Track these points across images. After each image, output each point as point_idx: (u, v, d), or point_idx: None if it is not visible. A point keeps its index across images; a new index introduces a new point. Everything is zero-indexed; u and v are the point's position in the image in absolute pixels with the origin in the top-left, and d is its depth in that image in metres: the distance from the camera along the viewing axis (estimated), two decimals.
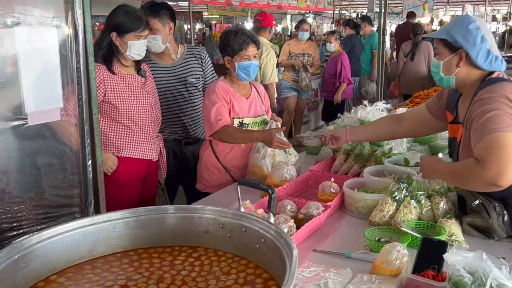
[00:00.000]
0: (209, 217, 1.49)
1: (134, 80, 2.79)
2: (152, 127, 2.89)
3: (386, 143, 3.02)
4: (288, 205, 2.21)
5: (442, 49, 2.03)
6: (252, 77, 2.89)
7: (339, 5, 29.27)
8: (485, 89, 1.89)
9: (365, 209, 2.27)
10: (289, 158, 2.88)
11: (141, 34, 2.68)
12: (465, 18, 2.05)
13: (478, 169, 1.75)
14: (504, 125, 1.73)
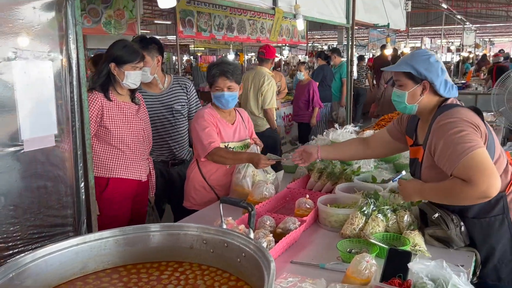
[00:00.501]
0: (193, 233, 1.46)
1: (128, 107, 2.82)
2: (143, 150, 2.90)
3: (355, 162, 3.04)
4: (268, 220, 2.19)
5: (405, 80, 2.04)
6: (227, 106, 2.87)
7: (312, 38, 29.83)
8: (444, 114, 1.92)
9: (337, 223, 2.27)
10: (267, 177, 2.85)
11: (137, 66, 2.74)
12: (424, 52, 2.09)
13: (468, 188, 1.75)
14: (474, 143, 1.77)
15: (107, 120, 2.67)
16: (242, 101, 5.37)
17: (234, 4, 2.83)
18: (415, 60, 2.02)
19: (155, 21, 19.48)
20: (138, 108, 2.90)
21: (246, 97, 5.22)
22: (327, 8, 4.16)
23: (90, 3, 4.82)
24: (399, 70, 2.06)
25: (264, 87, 5.00)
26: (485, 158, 1.76)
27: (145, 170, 2.93)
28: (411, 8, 8.67)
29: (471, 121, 1.85)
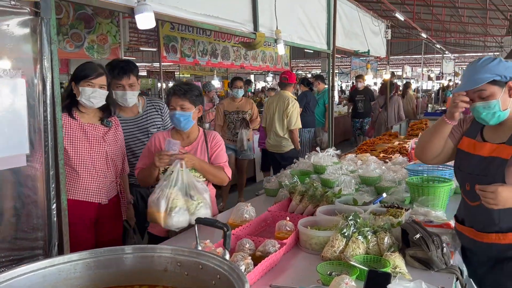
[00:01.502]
0: (167, 256, 1.41)
1: (92, 128, 2.76)
2: (105, 173, 2.81)
3: (336, 185, 3.04)
4: (247, 243, 2.15)
5: (491, 89, 1.97)
6: (179, 126, 2.75)
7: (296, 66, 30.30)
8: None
9: (318, 245, 2.24)
10: (191, 203, 2.48)
11: (93, 82, 2.66)
12: (490, 57, 2.04)
13: None
14: None
15: (66, 141, 2.58)
16: (268, 123, 5.80)
17: (215, 28, 2.85)
18: (490, 67, 1.97)
19: (140, 48, 19.60)
20: (107, 131, 2.84)
21: (272, 120, 5.69)
22: (308, 34, 4.23)
23: (72, 28, 4.82)
24: (485, 82, 1.97)
25: (289, 109, 5.51)
26: None
27: (106, 193, 2.82)
28: (392, 37, 8.96)
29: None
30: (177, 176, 2.47)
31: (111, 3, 2.04)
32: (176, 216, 2.37)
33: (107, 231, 2.88)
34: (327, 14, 4.64)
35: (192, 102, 2.72)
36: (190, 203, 2.46)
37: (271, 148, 5.80)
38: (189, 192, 2.48)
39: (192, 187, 2.52)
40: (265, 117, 5.79)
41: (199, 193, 2.53)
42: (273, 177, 3.59)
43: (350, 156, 4.18)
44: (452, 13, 19.05)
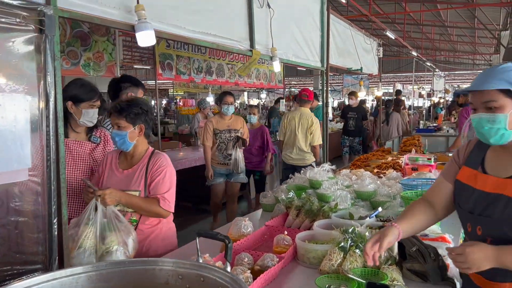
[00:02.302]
0: (168, 268, 1.43)
1: (79, 145, 2.79)
2: (72, 193, 2.77)
3: (332, 200, 3.06)
4: (245, 257, 2.16)
5: (503, 100, 1.58)
6: (117, 146, 2.58)
7: (289, 84, 30.55)
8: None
9: (316, 259, 2.25)
10: (100, 247, 2.15)
11: (95, 104, 2.76)
12: (509, 64, 1.64)
13: None
14: None
15: None
16: (288, 138, 6.08)
17: (213, 45, 2.90)
18: (506, 74, 1.58)
19: (134, 66, 19.70)
20: (94, 147, 2.84)
21: (294, 135, 6.01)
22: (303, 51, 4.31)
23: (69, 46, 4.86)
24: (494, 87, 1.59)
25: (314, 127, 5.84)
26: None
27: None
28: (383, 55, 9.11)
29: None
30: (94, 213, 2.18)
31: (112, 21, 2.08)
32: (77, 257, 2.04)
33: None
34: (320, 32, 4.74)
35: (130, 121, 2.50)
36: (100, 246, 2.15)
37: (292, 161, 6.09)
38: (104, 233, 2.16)
39: (110, 228, 2.19)
40: (284, 131, 6.12)
41: (117, 235, 2.20)
42: (269, 192, 3.61)
43: (344, 171, 4.22)
44: (441, 32, 19.41)
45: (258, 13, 3.37)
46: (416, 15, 15.22)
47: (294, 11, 4.13)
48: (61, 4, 1.74)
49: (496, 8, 13.36)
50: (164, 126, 13.81)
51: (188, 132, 10.27)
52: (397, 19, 15.85)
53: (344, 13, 13.09)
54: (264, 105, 20.28)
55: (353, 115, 9.37)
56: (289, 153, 6.13)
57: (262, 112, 17.17)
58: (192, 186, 6.97)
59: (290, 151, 6.12)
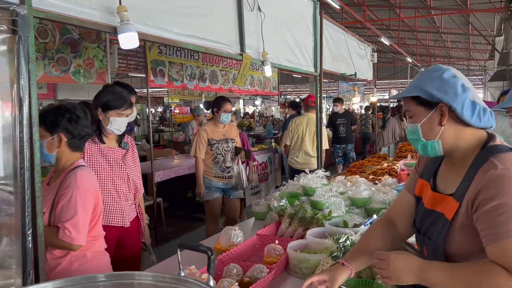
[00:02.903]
0: (147, 283, 1.33)
1: (113, 152, 2.78)
2: (127, 196, 2.83)
3: (326, 207, 2.97)
4: (234, 269, 2.06)
5: (415, 108, 1.47)
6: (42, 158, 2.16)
7: (285, 91, 30.54)
8: (502, 159, 1.32)
9: (308, 269, 2.16)
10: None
11: (123, 112, 2.72)
12: (436, 68, 1.49)
13: (506, 279, 1.19)
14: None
15: (89, 165, 2.59)
16: (295, 143, 6.22)
17: (201, 49, 2.82)
18: (424, 79, 1.46)
19: (129, 74, 19.64)
20: (125, 153, 2.84)
21: (301, 140, 6.21)
22: (295, 56, 4.24)
23: (58, 52, 4.77)
24: (405, 95, 1.49)
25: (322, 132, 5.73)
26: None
27: (128, 216, 2.83)
28: (378, 62, 9.08)
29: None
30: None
31: (92, 23, 2.00)
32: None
33: (127, 253, 2.85)
34: (313, 37, 4.67)
35: (47, 129, 2.14)
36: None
37: (297, 166, 6.23)
38: None
39: None
40: (292, 136, 6.30)
41: None
42: (262, 199, 3.52)
43: (339, 178, 4.14)
44: (436, 38, 19.46)
45: (248, 17, 3.30)
46: (410, 21, 15.25)
47: (286, 15, 4.07)
48: (36, 4, 1.66)
49: (490, 14, 13.40)
50: (160, 134, 13.75)
51: (183, 140, 10.20)
52: (392, 25, 15.88)
53: (339, 20, 13.09)
54: (260, 112, 20.25)
55: (342, 121, 9.09)
56: (295, 158, 6.34)
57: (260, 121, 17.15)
58: (185, 194, 6.88)
59: (296, 156, 6.32)
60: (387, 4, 13.42)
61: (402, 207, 1.71)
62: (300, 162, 6.26)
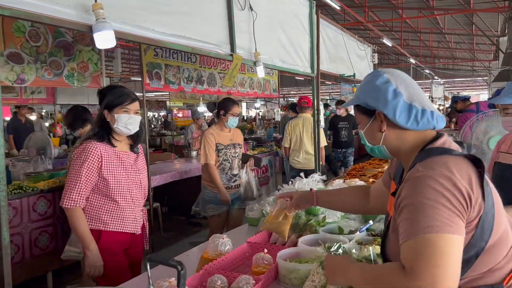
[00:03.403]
0: None
1: (127, 156, 2.69)
2: (140, 201, 2.78)
3: (320, 212, 2.84)
4: (218, 280, 1.94)
5: (359, 116, 1.54)
6: None
7: (288, 94, 30.46)
8: (425, 162, 1.30)
9: (298, 280, 2.03)
10: None
11: (128, 108, 2.58)
12: (374, 75, 1.50)
13: (405, 279, 1.18)
14: (445, 223, 1.18)
15: (106, 171, 2.54)
16: (294, 144, 6.36)
17: (188, 49, 2.72)
18: (363, 87, 1.51)
19: (131, 78, 19.63)
20: (136, 157, 2.76)
21: (300, 141, 6.33)
22: (291, 57, 4.12)
23: (51, 56, 4.69)
24: (349, 105, 1.61)
25: None
26: (447, 250, 1.16)
27: (139, 222, 2.79)
28: (381, 64, 8.95)
29: (458, 185, 1.22)
30: None
31: (66, 21, 1.89)
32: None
33: (131, 259, 2.81)
34: (310, 37, 4.55)
35: None
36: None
37: (299, 165, 6.37)
38: None
39: None
40: (289, 138, 6.45)
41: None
42: (256, 205, 3.39)
43: (337, 181, 4.00)
44: (439, 39, 19.31)
45: (239, 16, 3.19)
46: (413, 22, 15.11)
47: (279, 15, 3.95)
48: (2, 1, 1.56)
49: (493, 14, 13.25)
50: (161, 138, 13.69)
51: (184, 144, 10.11)
52: (395, 26, 15.75)
53: (341, 21, 12.99)
54: (262, 115, 20.11)
55: (344, 125, 8.72)
56: (296, 158, 6.48)
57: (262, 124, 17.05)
58: (184, 198, 6.77)
59: (297, 156, 6.47)
60: (389, 5, 13.30)
61: (377, 189, 1.88)
62: (301, 162, 6.41)
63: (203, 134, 4.38)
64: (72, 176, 2.48)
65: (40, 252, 4.41)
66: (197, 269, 2.20)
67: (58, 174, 5.12)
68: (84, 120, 4.31)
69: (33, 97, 7.76)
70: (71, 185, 2.46)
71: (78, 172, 2.46)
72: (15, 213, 4.19)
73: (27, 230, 4.28)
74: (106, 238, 2.61)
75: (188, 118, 13.88)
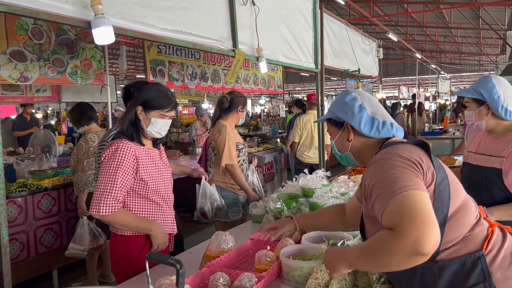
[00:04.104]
0: None
1: (154, 153, 2.49)
2: (172, 199, 2.60)
3: None
4: (221, 278, 1.91)
5: (331, 128, 1.85)
6: None
7: (293, 90, 30.38)
8: (379, 153, 1.58)
9: (302, 277, 2.00)
10: None
11: (167, 114, 2.40)
12: (343, 94, 1.83)
13: (393, 239, 1.30)
14: (409, 183, 1.37)
15: (143, 172, 2.33)
16: (304, 140, 6.58)
17: (188, 45, 2.69)
18: (334, 104, 1.83)
19: (137, 75, 19.64)
20: (160, 152, 2.57)
21: (311, 136, 6.54)
22: (294, 52, 4.08)
23: (54, 53, 4.68)
24: (323, 119, 1.90)
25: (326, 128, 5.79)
26: (419, 202, 1.33)
27: (175, 221, 2.62)
28: (387, 59, 8.87)
29: (409, 157, 1.47)
30: None
31: (63, 17, 1.87)
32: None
33: None
34: (313, 32, 4.50)
35: None
36: None
37: (309, 160, 6.64)
38: None
39: None
40: (300, 134, 6.64)
41: None
42: (260, 201, 3.36)
43: (342, 177, 3.96)
44: (446, 34, 19.13)
45: (241, 11, 3.15)
46: (419, 17, 14.97)
47: (282, 9, 3.90)
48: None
49: (500, 8, 13.09)
50: (167, 135, 13.66)
51: (189, 141, 10.10)
52: (400, 21, 15.63)
53: (346, 16, 12.90)
54: (267, 112, 20.03)
55: None
56: (306, 153, 6.68)
57: (267, 120, 17.01)
58: (190, 196, 6.75)
59: (307, 151, 6.67)
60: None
61: (352, 205, 2.10)
62: (312, 156, 6.62)
63: (220, 132, 3.84)
64: (105, 180, 2.23)
65: (45, 249, 4.42)
66: (200, 267, 2.18)
67: (63, 172, 5.13)
68: (90, 118, 4.31)
69: (39, 95, 7.78)
70: (106, 190, 2.21)
71: (113, 176, 2.23)
72: (20, 211, 4.19)
73: (32, 228, 4.29)
74: (148, 242, 2.44)
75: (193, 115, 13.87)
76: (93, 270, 4.40)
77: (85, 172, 4.11)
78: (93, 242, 4.10)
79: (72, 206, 4.63)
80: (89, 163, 4.13)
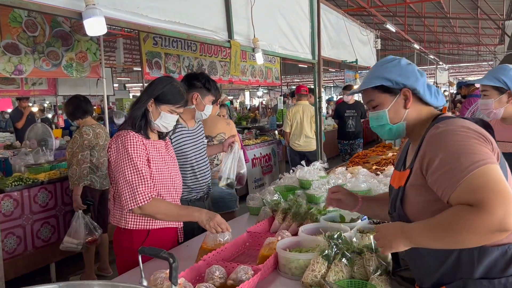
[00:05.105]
0: None
1: (160, 146, 2.47)
2: (179, 191, 2.57)
3: (321, 201, 2.80)
4: (217, 271, 1.90)
5: (380, 97, 1.59)
6: None
7: (292, 82, 30.29)
8: (441, 122, 1.44)
9: (298, 269, 1.99)
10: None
11: (176, 110, 2.40)
12: (390, 58, 1.64)
13: (476, 215, 1.21)
14: (486, 157, 1.27)
15: (152, 163, 2.33)
16: (295, 129, 6.89)
17: (183, 36, 2.65)
18: (382, 69, 1.60)
19: (134, 68, 19.55)
20: (165, 144, 2.54)
21: (301, 125, 6.86)
22: (291, 43, 4.04)
23: (49, 46, 4.64)
24: (368, 86, 1.61)
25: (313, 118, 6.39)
26: (500, 177, 1.25)
27: None
28: (385, 50, 8.83)
29: (479, 131, 1.36)
30: None
31: (54, 8, 1.83)
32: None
33: None
34: (310, 23, 4.46)
35: None
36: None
37: (300, 148, 6.99)
38: None
39: None
40: (290, 123, 6.97)
41: None
42: (257, 194, 3.35)
43: (340, 169, 3.95)
44: (444, 24, 19.04)
45: (236, 1, 3.10)
46: (417, 7, 14.89)
47: (278, 0, 3.86)
48: None
49: None
50: None
51: None
52: (398, 12, 15.53)
53: (344, 6, 12.81)
54: (263, 104, 19.95)
55: (351, 113, 7.89)
56: (297, 141, 7.00)
57: (265, 112, 16.93)
58: None
59: (298, 140, 6.98)
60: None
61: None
62: (302, 145, 6.97)
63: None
64: (129, 172, 2.22)
65: (43, 243, 4.41)
66: (196, 260, 2.17)
67: (59, 165, 5.11)
68: (84, 111, 4.27)
69: (34, 89, 7.71)
70: (134, 181, 2.22)
71: (135, 166, 2.23)
72: (16, 205, 4.18)
73: (29, 222, 4.27)
74: (154, 237, 2.42)
75: None
76: (91, 263, 4.39)
77: (80, 165, 4.08)
78: (88, 236, 4.09)
79: (69, 200, 4.62)
80: (84, 156, 4.10)
